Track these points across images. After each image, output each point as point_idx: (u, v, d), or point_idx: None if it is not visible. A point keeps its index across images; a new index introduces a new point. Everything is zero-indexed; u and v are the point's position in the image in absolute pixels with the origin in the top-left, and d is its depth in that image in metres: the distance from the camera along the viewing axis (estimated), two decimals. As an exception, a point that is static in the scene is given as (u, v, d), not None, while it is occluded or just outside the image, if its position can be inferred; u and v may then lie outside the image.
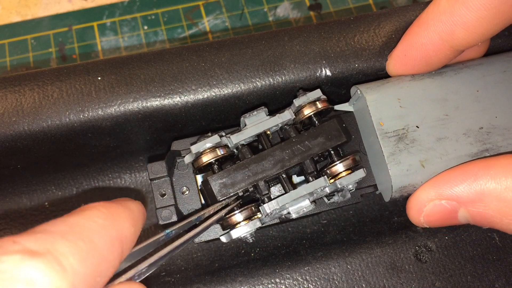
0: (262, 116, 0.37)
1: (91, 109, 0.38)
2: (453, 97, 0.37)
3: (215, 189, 0.35)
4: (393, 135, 0.36)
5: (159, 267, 0.41)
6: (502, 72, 0.38)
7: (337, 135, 0.36)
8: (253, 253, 0.41)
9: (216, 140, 0.36)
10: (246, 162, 0.35)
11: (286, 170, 0.36)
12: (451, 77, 0.38)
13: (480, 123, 0.36)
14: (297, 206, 0.36)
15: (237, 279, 0.37)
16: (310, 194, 0.35)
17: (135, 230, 0.29)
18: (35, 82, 0.39)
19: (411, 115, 0.36)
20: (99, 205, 0.27)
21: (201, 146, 0.36)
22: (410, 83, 0.38)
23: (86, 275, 0.24)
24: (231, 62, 0.40)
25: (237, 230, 0.35)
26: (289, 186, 0.36)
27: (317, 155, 0.36)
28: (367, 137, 0.38)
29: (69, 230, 0.25)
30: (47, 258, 0.23)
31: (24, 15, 0.74)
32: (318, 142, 0.36)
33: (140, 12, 0.75)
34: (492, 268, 0.38)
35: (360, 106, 0.38)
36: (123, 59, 0.41)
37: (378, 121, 0.36)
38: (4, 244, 0.23)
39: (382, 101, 0.37)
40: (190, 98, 0.39)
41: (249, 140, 0.38)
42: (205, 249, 0.42)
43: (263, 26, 0.75)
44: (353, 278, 0.37)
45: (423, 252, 0.38)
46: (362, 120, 0.39)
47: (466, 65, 0.39)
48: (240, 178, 0.35)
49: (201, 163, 0.36)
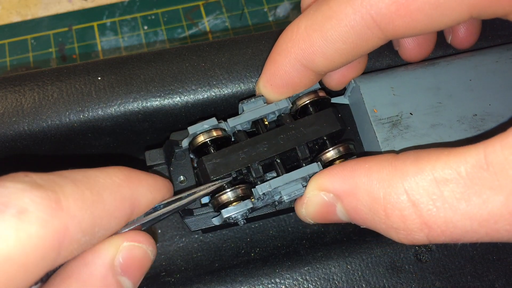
0: (260, 103, 0.38)
1: (91, 109, 0.38)
2: (446, 86, 0.37)
3: (208, 168, 0.35)
4: (387, 121, 0.36)
5: (159, 267, 0.41)
6: (495, 62, 0.38)
7: (332, 123, 0.36)
8: (253, 253, 0.41)
9: (213, 123, 0.37)
10: (240, 145, 0.36)
11: (280, 154, 0.36)
12: (443, 67, 0.38)
13: (474, 110, 0.36)
14: (289, 190, 0.36)
15: (237, 279, 0.37)
16: (303, 179, 0.36)
17: (152, 198, 0.30)
18: (35, 82, 0.39)
19: (405, 103, 0.37)
20: (123, 168, 0.29)
21: (198, 127, 0.37)
22: (403, 73, 0.38)
23: (84, 222, 0.25)
24: (231, 62, 0.40)
25: (228, 209, 0.35)
26: (282, 171, 0.36)
27: (311, 142, 0.36)
28: (362, 127, 0.39)
29: (81, 179, 0.26)
30: (47, 193, 0.24)
31: (24, 15, 0.74)
32: (313, 129, 0.36)
33: (140, 12, 0.75)
34: (492, 268, 0.38)
35: (355, 97, 0.39)
36: (123, 59, 0.41)
37: (372, 108, 0.37)
38: (17, 175, 0.25)
39: (375, 89, 0.37)
40: (190, 98, 0.39)
41: (246, 127, 0.38)
42: (205, 249, 0.42)
43: (263, 26, 0.75)
44: (353, 278, 0.37)
45: (423, 252, 0.38)
46: (357, 111, 0.39)
47: (458, 56, 0.39)
48: (234, 159, 0.35)
49: (197, 143, 0.37)
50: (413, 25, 0.31)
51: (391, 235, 0.29)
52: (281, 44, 0.35)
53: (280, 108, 0.37)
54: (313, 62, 0.34)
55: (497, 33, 0.42)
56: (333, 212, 0.32)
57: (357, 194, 0.30)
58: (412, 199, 0.27)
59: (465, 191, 0.26)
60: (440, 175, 0.27)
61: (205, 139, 0.37)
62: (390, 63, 0.40)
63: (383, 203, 0.28)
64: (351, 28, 0.32)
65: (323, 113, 0.37)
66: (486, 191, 0.26)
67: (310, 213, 0.34)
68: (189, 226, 0.38)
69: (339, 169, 0.31)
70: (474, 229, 0.26)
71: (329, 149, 0.36)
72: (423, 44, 0.38)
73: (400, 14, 0.31)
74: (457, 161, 0.26)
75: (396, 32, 0.32)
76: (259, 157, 0.36)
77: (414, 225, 0.28)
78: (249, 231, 0.42)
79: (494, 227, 0.26)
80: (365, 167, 0.30)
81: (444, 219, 0.27)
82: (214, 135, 0.37)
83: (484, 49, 0.40)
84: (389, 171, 0.29)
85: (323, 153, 0.36)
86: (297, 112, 0.38)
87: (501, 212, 0.25)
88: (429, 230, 0.27)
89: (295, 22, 0.35)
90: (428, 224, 0.27)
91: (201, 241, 0.42)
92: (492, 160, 0.25)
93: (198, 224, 0.38)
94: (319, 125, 0.36)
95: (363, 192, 0.29)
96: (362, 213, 0.30)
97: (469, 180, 0.26)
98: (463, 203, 0.26)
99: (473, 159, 0.26)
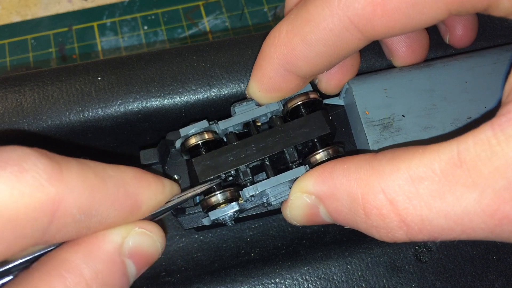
0: (252, 106, 0.38)
1: (91, 109, 0.38)
2: (440, 87, 0.37)
3: (197, 170, 0.36)
4: (378, 123, 0.36)
5: (159, 267, 0.41)
6: (492, 64, 0.38)
7: (322, 126, 0.36)
8: (253, 253, 0.41)
9: (204, 125, 0.37)
10: (230, 147, 0.36)
11: (269, 157, 0.36)
12: (439, 69, 0.38)
13: (469, 112, 0.36)
14: (276, 192, 0.36)
15: (237, 279, 0.37)
16: (291, 182, 0.36)
17: (156, 203, 0.30)
18: (35, 82, 0.39)
19: (397, 105, 0.37)
20: (136, 168, 0.30)
21: (189, 129, 0.37)
22: (397, 74, 0.38)
23: (81, 199, 0.25)
24: (231, 62, 0.40)
25: (215, 212, 0.36)
26: (272, 173, 0.36)
27: (300, 144, 0.37)
28: (355, 129, 0.39)
29: (89, 164, 0.27)
30: (52, 163, 0.25)
31: (24, 15, 0.74)
32: (302, 132, 0.36)
33: (140, 12, 0.75)
34: (492, 268, 0.38)
35: (349, 98, 0.39)
36: (123, 59, 0.41)
37: (364, 110, 0.37)
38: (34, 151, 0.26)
39: (368, 91, 0.37)
40: (190, 98, 0.39)
41: (238, 129, 0.38)
42: (205, 249, 0.42)
43: (263, 26, 0.75)
44: (353, 278, 0.37)
45: (423, 252, 0.38)
46: (351, 112, 0.39)
47: (455, 58, 0.39)
48: (223, 161, 0.36)
49: (188, 145, 0.37)
50: (392, 24, 0.31)
51: (373, 233, 0.29)
52: (264, 50, 0.35)
53: (271, 110, 0.38)
54: (296, 67, 0.34)
55: (497, 33, 0.42)
56: (316, 214, 0.32)
57: (337, 195, 0.30)
58: (389, 197, 0.27)
59: (439, 189, 0.26)
60: (414, 173, 0.27)
61: (196, 141, 0.37)
62: (389, 63, 0.40)
63: (362, 202, 0.28)
64: (330, 31, 0.32)
65: (313, 116, 0.37)
66: (459, 188, 0.25)
67: (295, 216, 0.34)
68: (181, 224, 0.38)
69: (319, 171, 0.31)
70: (450, 227, 0.26)
71: (317, 152, 0.36)
72: (416, 50, 0.38)
73: (377, 14, 0.31)
74: (431, 158, 0.26)
75: (375, 33, 0.32)
76: (248, 160, 0.36)
77: (392, 223, 0.28)
78: (249, 231, 0.42)
79: (469, 225, 0.26)
80: (343, 168, 0.30)
81: (421, 217, 0.27)
82: (206, 137, 0.37)
83: (482, 50, 0.40)
84: (366, 171, 0.29)
85: (311, 156, 0.36)
86: (288, 114, 0.38)
87: (474, 209, 0.25)
88: (407, 227, 0.27)
89: (277, 27, 0.35)
90: (406, 222, 0.27)
91: (201, 241, 0.42)
92: (465, 157, 0.25)
93: (190, 223, 0.38)
94: (308, 128, 0.36)
95: (342, 193, 0.29)
96: (343, 213, 0.30)
97: (443, 177, 0.26)
98: (438, 201, 0.26)
99: (447, 156, 0.26)
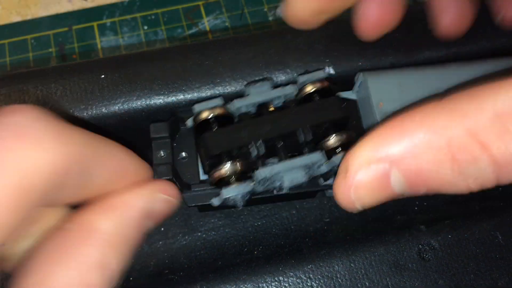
0: (267, 87, 0.38)
1: (94, 107, 0.38)
2: (454, 90, 0.37)
3: (209, 143, 0.35)
4: (392, 116, 0.36)
5: (162, 265, 0.41)
6: (507, 71, 0.38)
7: (336, 110, 0.37)
8: (256, 251, 0.41)
9: (219, 102, 0.37)
10: (243, 124, 0.36)
11: (283, 136, 0.36)
12: (454, 72, 0.38)
13: None
14: (291, 177, 0.36)
15: (240, 277, 0.37)
16: (305, 167, 0.35)
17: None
18: (39, 80, 0.39)
19: (411, 102, 0.36)
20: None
21: (204, 105, 0.37)
22: (412, 72, 0.38)
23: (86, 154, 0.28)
24: (234, 60, 0.40)
25: (228, 189, 0.35)
26: (285, 156, 0.36)
27: (314, 126, 0.36)
28: (367, 121, 0.39)
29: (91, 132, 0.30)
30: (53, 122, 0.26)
31: (24, 15, 0.74)
32: (317, 114, 0.36)
33: (140, 12, 0.75)
34: (495, 267, 0.38)
35: (363, 92, 0.39)
36: (126, 57, 0.41)
37: (378, 102, 0.37)
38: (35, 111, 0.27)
39: (382, 84, 0.38)
40: (194, 96, 0.39)
41: (251, 110, 0.38)
42: (208, 247, 0.42)
43: (263, 26, 0.75)
44: (356, 276, 0.37)
45: (426, 250, 0.38)
46: (364, 106, 0.39)
47: (472, 62, 0.39)
48: (235, 136, 0.36)
49: (200, 119, 0.37)
50: None
51: (458, 185, 0.27)
52: None
53: (286, 93, 0.38)
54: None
55: (499, 32, 0.42)
56: (387, 185, 0.28)
57: (416, 152, 0.27)
58: (479, 139, 0.25)
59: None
60: (501, 109, 0.25)
61: (208, 115, 0.37)
62: (393, 62, 0.41)
63: (449, 151, 0.26)
64: None
65: (328, 100, 0.37)
66: None
67: (362, 195, 0.29)
68: (186, 201, 0.37)
69: (386, 132, 0.28)
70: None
71: (332, 136, 0.36)
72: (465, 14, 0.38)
73: None
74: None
75: None
76: (261, 136, 0.36)
77: (484, 166, 0.25)
78: (252, 229, 0.42)
79: None
80: (415, 120, 0.27)
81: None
82: (218, 112, 0.37)
83: (500, 57, 0.39)
84: (446, 117, 0.26)
85: (325, 140, 0.36)
86: (302, 100, 0.38)
87: None
88: (499, 169, 0.25)
89: None
90: (498, 163, 0.25)
91: (204, 239, 0.42)
92: None
93: (194, 200, 0.37)
94: (323, 111, 0.37)
95: (423, 148, 0.27)
96: (424, 172, 0.27)
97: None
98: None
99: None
